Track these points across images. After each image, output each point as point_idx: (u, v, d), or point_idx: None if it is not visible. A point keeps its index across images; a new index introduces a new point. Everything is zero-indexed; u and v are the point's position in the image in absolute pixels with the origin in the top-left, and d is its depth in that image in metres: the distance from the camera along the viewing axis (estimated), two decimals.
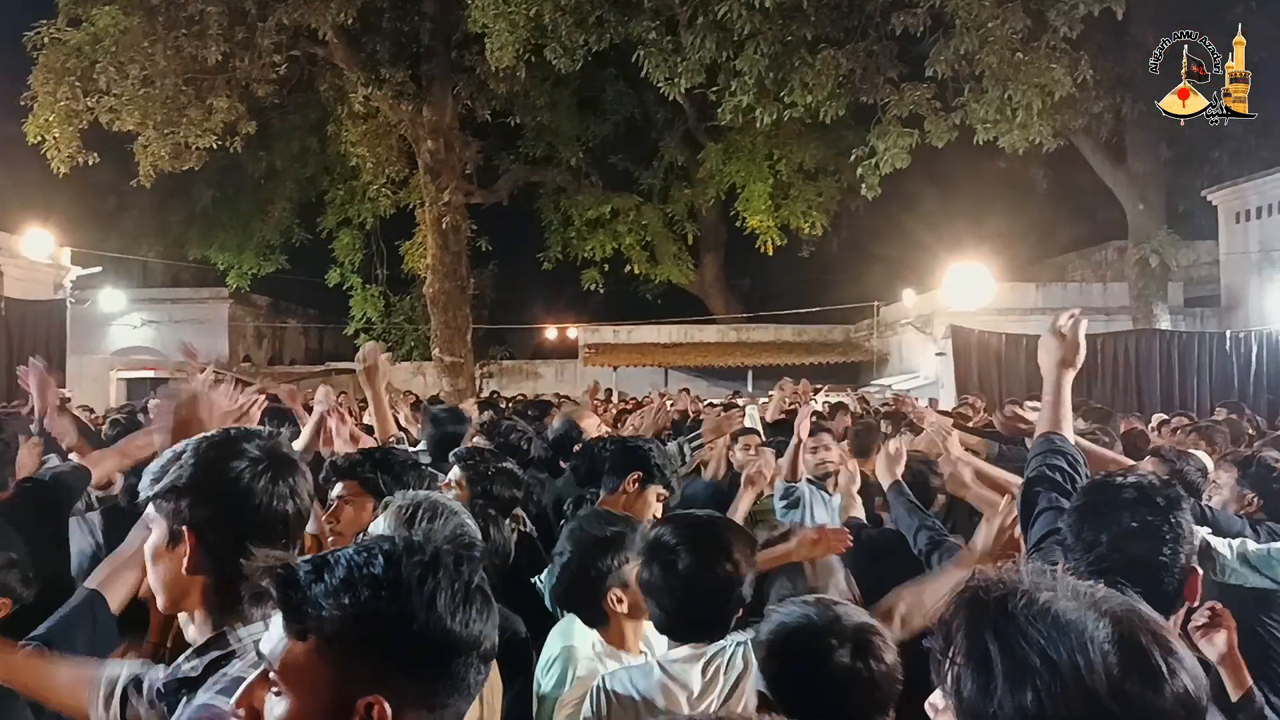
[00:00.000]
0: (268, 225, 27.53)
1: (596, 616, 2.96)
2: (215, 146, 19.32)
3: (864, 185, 17.15)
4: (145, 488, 1.95)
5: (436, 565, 1.41)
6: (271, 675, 1.38)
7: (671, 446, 5.66)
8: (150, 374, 24.14)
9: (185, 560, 1.88)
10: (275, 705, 1.38)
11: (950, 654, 1.27)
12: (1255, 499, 4.16)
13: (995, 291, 20.31)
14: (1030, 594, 1.25)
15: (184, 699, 1.79)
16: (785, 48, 16.07)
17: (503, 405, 14.81)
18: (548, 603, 3.37)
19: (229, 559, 1.84)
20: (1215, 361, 16.63)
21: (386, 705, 1.33)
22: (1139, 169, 20.27)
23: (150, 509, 1.96)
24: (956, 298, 20.10)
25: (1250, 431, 8.73)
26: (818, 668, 2.00)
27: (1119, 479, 2.44)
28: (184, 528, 1.89)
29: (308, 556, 1.44)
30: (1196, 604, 2.27)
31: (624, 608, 2.92)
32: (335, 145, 23.80)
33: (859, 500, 4.97)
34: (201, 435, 2.01)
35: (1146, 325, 19.32)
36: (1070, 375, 3.17)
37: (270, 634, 1.41)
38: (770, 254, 24.66)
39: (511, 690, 2.96)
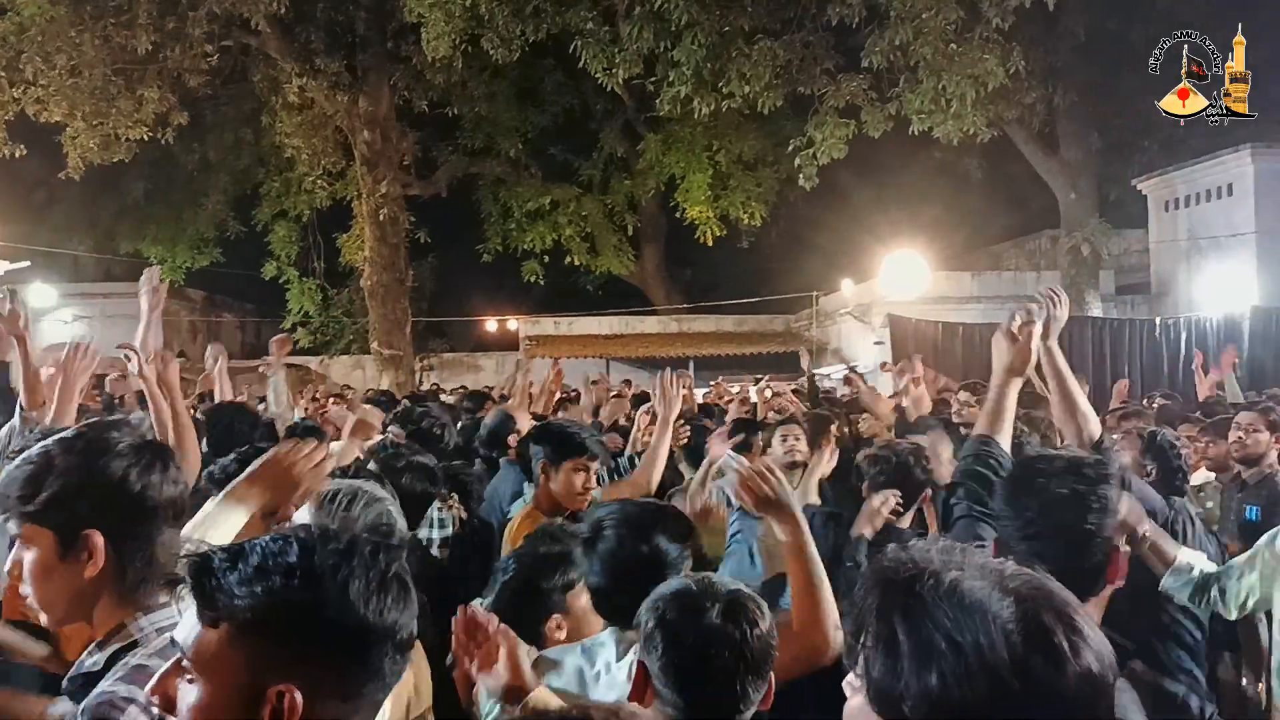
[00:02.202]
0: (201, 218, 27.05)
1: (532, 638, 2.77)
2: (146, 138, 19.00)
3: (802, 175, 17.24)
4: (13, 506, 1.88)
5: (351, 553, 1.40)
6: (185, 663, 1.38)
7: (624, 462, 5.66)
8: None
9: (93, 564, 1.85)
10: (188, 693, 1.37)
11: (861, 636, 1.28)
12: (1155, 470, 4.35)
13: (931, 280, 20.52)
14: (938, 574, 1.26)
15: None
16: (722, 38, 16.11)
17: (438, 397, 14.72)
18: None
19: (132, 552, 1.86)
20: (1146, 348, 16.90)
21: (298, 694, 1.32)
22: (1071, 158, 20.59)
23: (17, 527, 1.88)
24: (894, 287, 20.28)
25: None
26: (690, 629, 2.06)
27: (1051, 452, 2.49)
28: (86, 532, 1.85)
29: (225, 544, 1.43)
30: (1121, 584, 2.29)
31: (562, 635, 2.79)
32: (270, 136, 23.46)
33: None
34: (59, 437, 1.96)
35: (1079, 313, 19.61)
36: (1016, 383, 3.16)
37: (184, 622, 1.41)
38: (710, 245, 24.76)
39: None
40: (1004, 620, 1.19)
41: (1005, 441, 3.16)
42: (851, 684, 1.34)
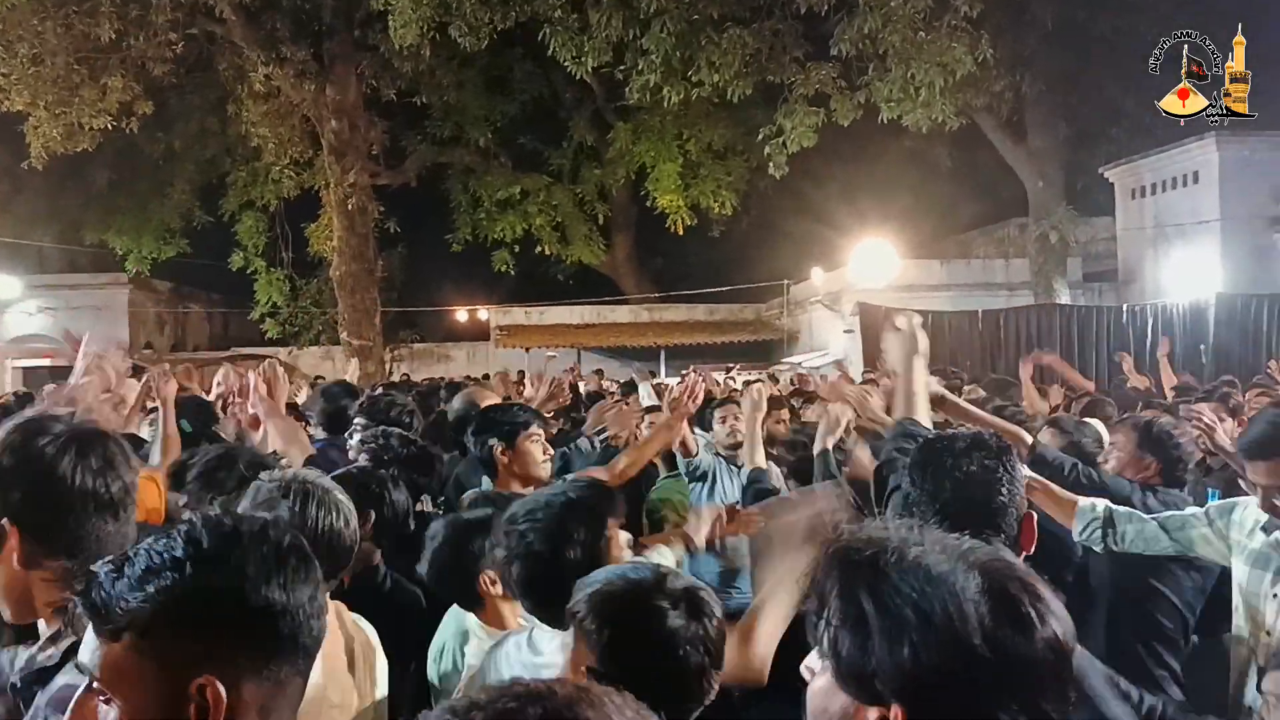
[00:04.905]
0: (167, 208, 26.75)
1: (471, 599, 2.92)
2: (110, 127, 18.80)
3: (772, 164, 17.28)
4: None
5: (239, 535, 1.39)
6: (96, 685, 1.34)
7: (584, 443, 5.65)
8: (47, 362, 23.47)
9: (15, 554, 1.82)
10: (107, 715, 1.33)
11: (825, 615, 1.28)
12: (1155, 464, 4.13)
13: (901, 268, 20.58)
14: (900, 550, 1.26)
15: (39, 690, 1.73)
16: (692, 26, 16.10)
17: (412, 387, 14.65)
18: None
19: (57, 542, 1.83)
20: (1113, 334, 17.04)
21: (219, 684, 1.30)
22: (1039, 147, 20.71)
23: None
24: (864, 275, 20.32)
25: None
26: (656, 633, 1.93)
27: (951, 433, 2.72)
28: (3, 521, 1.83)
29: (110, 557, 1.39)
30: (1032, 552, 2.39)
31: (497, 589, 2.86)
32: (236, 126, 23.23)
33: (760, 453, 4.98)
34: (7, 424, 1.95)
35: (1047, 300, 19.77)
36: (920, 363, 3.48)
37: (86, 644, 1.38)
38: (681, 234, 24.78)
39: (408, 668, 2.93)
40: (971, 592, 1.21)
41: (924, 419, 3.41)
42: (812, 666, 1.34)
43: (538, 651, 2.40)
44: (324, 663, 2.42)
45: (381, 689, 2.58)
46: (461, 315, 31.01)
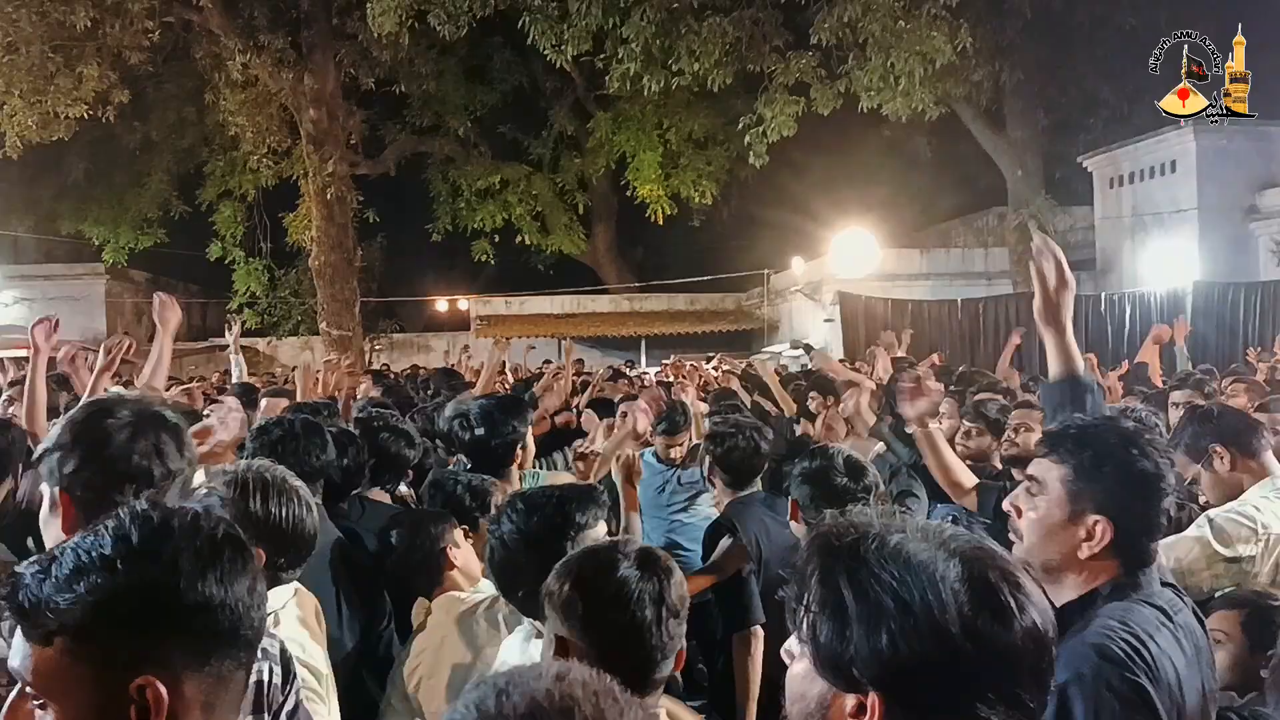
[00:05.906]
0: (144, 198, 26.52)
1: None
2: (86, 116, 18.59)
3: (752, 154, 17.26)
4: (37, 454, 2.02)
5: (169, 528, 1.36)
6: (28, 690, 1.30)
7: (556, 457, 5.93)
8: (23, 353, 23.29)
9: (61, 521, 1.93)
10: None
11: (805, 601, 1.27)
12: None
13: (881, 258, 20.64)
14: (881, 537, 1.26)
15: None
16: (671, 15, 16.04)
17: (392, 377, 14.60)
18: None
19: (97, 515, 1.89)
20: (1091, 323, 17.15)
21: (159, 684, 1.26)
22: (1018, 136, 20.78)
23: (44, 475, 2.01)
24: (844, 265, 20.38)
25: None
26: (609, 583, 1.99)
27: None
28: (57, 489, 1.95)
29: (35, 556, 1.36)
30: None
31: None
32: (214, 115, 23.01)
33: None
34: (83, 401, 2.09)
35: (1026, 289, 19.83)
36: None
37: (14, 647, 1.32)
38: (661, 223, 24.75)
39: None
40: (951, 580, 1.21)
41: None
42: (791, 651, 1.33)
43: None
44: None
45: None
46: (441, 305, 30.95)
